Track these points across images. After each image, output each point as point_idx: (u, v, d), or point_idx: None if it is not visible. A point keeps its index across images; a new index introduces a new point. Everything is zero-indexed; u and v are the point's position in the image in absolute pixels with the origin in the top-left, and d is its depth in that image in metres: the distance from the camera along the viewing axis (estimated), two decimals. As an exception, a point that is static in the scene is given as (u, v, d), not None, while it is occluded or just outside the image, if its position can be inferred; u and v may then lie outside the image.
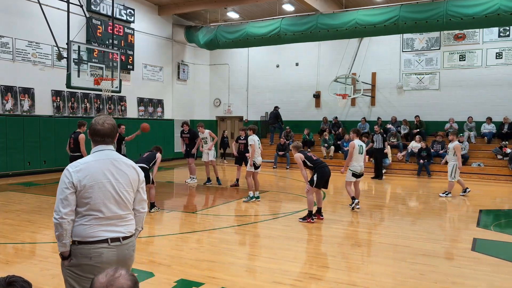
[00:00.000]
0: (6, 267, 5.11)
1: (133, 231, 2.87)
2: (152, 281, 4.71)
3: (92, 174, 2.69)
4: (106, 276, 1.63)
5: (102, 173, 2.72)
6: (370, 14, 14.76)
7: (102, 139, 2.82)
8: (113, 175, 2.75)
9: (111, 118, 2.90)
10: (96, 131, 2.80)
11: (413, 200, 10.75)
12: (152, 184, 8.51)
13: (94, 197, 2.67)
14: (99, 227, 2.69)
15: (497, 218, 8.73)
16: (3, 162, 12.97)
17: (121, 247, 2.74)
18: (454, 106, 16.78)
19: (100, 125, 2.81)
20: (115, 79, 12.43)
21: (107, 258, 2.68)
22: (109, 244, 2.69)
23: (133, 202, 2.88)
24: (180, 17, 19.57)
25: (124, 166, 2.83)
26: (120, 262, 2.71)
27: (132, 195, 2.86)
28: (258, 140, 9.79)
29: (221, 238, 6.65)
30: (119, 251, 2.73)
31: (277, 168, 16.88)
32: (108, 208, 2.71)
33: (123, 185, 2.78)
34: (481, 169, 14.55)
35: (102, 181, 2.71)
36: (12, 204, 9.01)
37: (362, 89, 17.20)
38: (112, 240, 2.70)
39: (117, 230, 2.75)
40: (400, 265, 5.35)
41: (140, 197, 2.91)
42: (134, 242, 2.90)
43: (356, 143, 8.70)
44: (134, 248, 2.90)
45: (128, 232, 2.81)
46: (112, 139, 2.87)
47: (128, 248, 2.81)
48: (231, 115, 21.47)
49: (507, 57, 16.00)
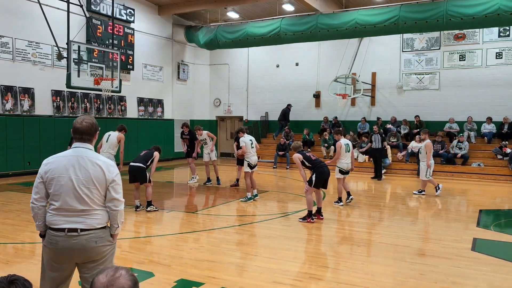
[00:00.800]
0: (6, 267, 5.11)
1: (97, 225, 3.00)
2: (152, 281, 4.71)
3: (56, 168, 2.97)
4: (106, 276, 1.63)
5: (64, 168, 2.96)
6: (370, 14, 14.76)
7: (80, 136, 3.05)
8: (75, 171, 2.96)
9: (91, 118, 3.13)
10: (75, 129, 3.04)
11: (413, 200, 10.74)
12: (149, 183, 8.51)
13: (54, 189, 2.96)
14: (58, 217, 2.96)
15: (497, 218, 8.74)
16: (3, 162, 12.97)
17: (78, 237, 2.93)
18: (454, 106, 16.78)
19: (79, 123, 3.04)
20: (115, 79, 12.43)
21: (63, 245, 2.93)
22: (66, 234, 2.92)
23: (104, 199, 3.04)
24: (180, 17, 19.57)
25: (89, 164, 2.99)
26: (76, 251, 2.94)
27: (97, 192, 2.99)
28: (250, 141, 9.78)
29: (221, 238, 6.65)
30: (76, 242, 2.93)
31: (277, 168, 16.88)
32: (65, 201, 2.94)
33: (82, 181, 2.95)
34: (481, 169, 14.55)
35: (62, 175, 2.95)
36: (12, 204, 9.01)
37: (362, 89, 17.20)
38: (69, 230, 2.93)
39: (76, 221, 2.95)
40: (400, 265, 5.35)
41: (110, 195, 3.03)
42: (100, 235, 3.01)
43: (343, 142, 9.15)
44: (100, 242, 3.01)
45: (88, 226, 2.97)
46: (90, 137, 3.08)
47: (88, 240, 2.96)
48: (231, 115, 21.47)
49: (507, 57, 16.00)
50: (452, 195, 11.34)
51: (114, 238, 3.16)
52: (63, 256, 2.99)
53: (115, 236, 3.16)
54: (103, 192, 3.03)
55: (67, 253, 2.97)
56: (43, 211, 3.04)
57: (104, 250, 3.04)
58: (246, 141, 9.71)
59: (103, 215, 3.05)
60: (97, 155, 3.09)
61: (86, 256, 2.99)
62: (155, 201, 8.80)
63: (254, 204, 9.47)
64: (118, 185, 3.06)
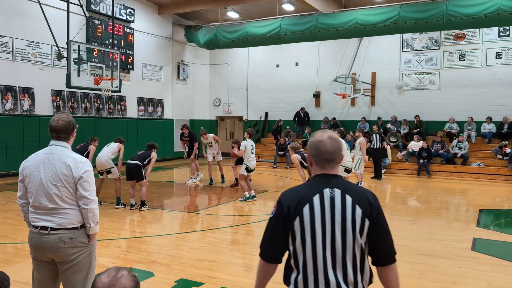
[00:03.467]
0: (6, 267, 5.11)
1: (67, 225, 2.94)
2: (152, 281, 4.71)
3: (29, 166, 3.00)
4: (108, 277, 1.63)
5: (36, 166, 2.98)
6: (370, 14, 14.76)
7: (57, 135, 3.02)
8: (44, 169, 2.95)
9: (68, 116, 3.08)
10: (51, 127, 3.02)
11: (413, 200, 10.75)
12: (143, 181, 8.53)
13: (28, 186, 3.00)
14: (34, 214, 2.99)
15: (497, 217, 8.74)
16: (3, 162, 12.97)
17: (48, 236, 2.91)
18: (454, 106, 16.78)
19: (55, 122, 3.01)
20: (115, 79, 12.43)
21: (35, 243, 2.96)
22: (38, 231, 2.95)
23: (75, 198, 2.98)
24: (180, 16, 19.56)
25: (57, 161, 2.95)
26: (47, 250, 2.93)
27: (66, 190, 2.94)
28: (252, 146, 9.71)
29: (221, 238, 6.65)
30: (45, 240, 2.92)
31: (277, 168, 16.89)
32: (37, 199, 2.95)
33: (50, 178, 2.93)
34: (481, 169, 14.55)
35: (34, 173, 2.97)
36: (12, 204, 9.01)
37: (362, 89, 17.20)
38: (41, 228, 2.94)
39: (47, 219, 2.94)
40: (400, 265, 5.32)
41: (79, 193, 2.96)
42: (69, 236, 2.94)
43: (343, 141, 9.35)
44: (69, 243, 2.94)
45: (58, 225, 2.93)
46: (67, 135, 3.04)
47: (57, 239, 2.91)
48: (231, 114, 21.46)
49: (507, 57, 16.00)
50: (452, 195, 11.35)
51: (91, 240, 3.05)
52: (38, 254, 2.99)
53: (92, 237, 3.04)
54: (72, 190, 2.95)
55: (40, 250, 2.96)
56: (27, 209, 3.06)
57: (74, 252, 2.95)
58: (247, 146, 9.57)
59: (75, 215, 2.96)
60: (70, 152, 3.02)
61: (56, 256, 2.94)
62: (155, 201, 8.81)
63: (254, 204, 9.47)
64: (86, 183, 2.95)
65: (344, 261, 1.98)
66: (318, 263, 1.99)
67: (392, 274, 2.09)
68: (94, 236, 3.08)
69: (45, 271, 3.02)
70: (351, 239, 1.98)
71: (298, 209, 2.02)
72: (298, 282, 2.04)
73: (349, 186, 2.08)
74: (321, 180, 2.08)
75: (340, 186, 2.05)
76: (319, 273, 1.98)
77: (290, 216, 2.02)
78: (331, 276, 1.97)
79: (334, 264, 1.98)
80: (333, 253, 1.98)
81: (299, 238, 2.01)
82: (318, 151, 2.09)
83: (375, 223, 2.03)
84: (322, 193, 2.03)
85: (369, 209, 2.02)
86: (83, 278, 3.02)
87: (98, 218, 3.06)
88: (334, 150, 2.09)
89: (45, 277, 3.02)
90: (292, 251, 2.06)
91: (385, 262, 2.08)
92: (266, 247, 2.15)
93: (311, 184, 2.10)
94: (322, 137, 2.11)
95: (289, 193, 2.10)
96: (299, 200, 2.03)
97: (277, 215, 2.08)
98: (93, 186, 3.04)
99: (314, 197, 2.02)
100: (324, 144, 2.08)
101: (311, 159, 2.15)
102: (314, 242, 1.99)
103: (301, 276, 2.02)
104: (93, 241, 3.09)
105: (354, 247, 1.99)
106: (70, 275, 2.99)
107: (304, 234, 2.00)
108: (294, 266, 2.06)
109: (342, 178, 2.11)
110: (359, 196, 2.03)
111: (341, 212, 1.99)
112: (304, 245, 2.01)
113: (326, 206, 2.01)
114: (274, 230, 2.09)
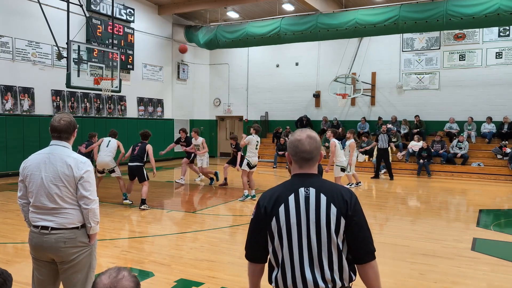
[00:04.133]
0: (6, 267, 5.09)
1: (67, 225, 2.96)
2: (152, 281, 4.71)
3: (30, 166, 3.00)
4: (109, 278, 1.63)
5: (37, 166, 2.98)
6: (370, 14, 14.75)
7: (58, 135, 3.02)
8: (45, 169, 2.96)
9: (69, 116, 3.10)
10: (52, 127, 3.03)
11: (413, 200, 10.75)
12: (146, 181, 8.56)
13: (29, 186, 3.00)
14: (35, 214, 2.99)
15: (496, 217, 8.74)
16: (3, 162, 12.96)
17: (49, 236, 2.93)
18: (454, 106, 16.77)
19: (56, 122, 3.02)
20: (115, 79, 12.42)
21: (36, 243, 2.97)
22: (39, 231, 2.95)
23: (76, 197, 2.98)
24: (180, 16, 19.56)
25: (58, 161, 2.95)
26: (47, 250, 2.94)
27: (66, 190, 2.95)
28: (257, 142, 9.71)
29: (221, 238, 6.65)
30: (46, 240, 2.93)
31: (277, 168, 16.88)
32: (38, 199, 2.96)
33: (51, 178, 2.94)
34: (481, 169, 14.55)
35: (34, 173, 2.97)
36: (12, 204, 9.01)
37: (362, 89, 17.20)
38: (42, 228, 2.95)
39: (48, 219, 2.95)
40: (400, 265, 5.36)
41: (80, 193, 2.97)
42: (70, 236, 2.95)
43: (337, 141, 9.67)
44: (70, 243, 2.95)
45: (59, 225, 2.94)
46: (68, 135, 3.05)
47: (58, 239, 2.93)
48: (231, 114, 21.46)
49: (507, 57, 16.00)
50: (452, 195, 11.35)
51: (92, 240, 3.06)
52: (38, 254, 3.00)
53: (93, 237, 3.06)
54: (73, 190, 2.96)
55: (40, 250, 2.97)
56: (27, 209, 3.07)
57: (74, 252, 2.97)
58: (252, 140, 9.60)
59: (76, 214, 2.98)
60: (70, 152, 3.02)
61: (56, 256, 2.95)
62: (155, 201, 8.81)
63: (254, 203, 9.45)
64: (87, 182, 2.96)
65: (320, 259, 2.00)
66: (295, 261, 2.01)
67: (371, 271, 2.08)
68: (95, 236, 3.09)
69: (45, 271, 3.03)
70: (326, 238, 2.00)
71: (274, 209, 2.05)
72: (277, 280, 2.07)
73: (324, 185, 2.08)
74: (297, 179, 2.11)
75: (315, 185, 2.06)
76: (296, 271, 2.01)
77: (267, 217, 2.06)
78: (307, 274, 2.00)
79: (312, 262, 2.00)
80: (309, 252, 2.01)
81: (277, 238, 2.05)
82: (296, 150, 2.11)
83: (352, 221, 2.03)
84: (298, 192, 2.05)
85: (345, 207, 2.02)
86: (83, 278, 3.04)
87: (99, 218, 3.07)
88: (312, 149, 2.10)
89: (45, 277, 3.03)
90: (272, 250, 2.09)
91: (363, 260, 2.08)
92: (249, 248, 2.19)
93: (287, 184, 2.12)
94: (300, 136, 2.12)
95: (267, 194, 2.14)
96: (275, 200, 2.07)
97: (256, 216, 2.13)
98: (94, 186, 3.05)
99: (289, 197, 2.05)
100: (302, 143, 2.10)
101: (290, 158, 2.16)
102: (290, 241, 2.02)
103: (280, 274, 2.05)
104: (94, 241, 3.10)
105: (329, 245, 2.00)
106: (71, 275, 3.00)
107: (281, 233, 2.03)
108: (274, 264, 2.10)
109: (319, 177, 2.12)
110: (334, 194, 2.04)
111: (315, 211, 2.01)
112: (281, 244, 2.04)
113: (301, 205, 2.03)
114: (254, 231, 2.14)
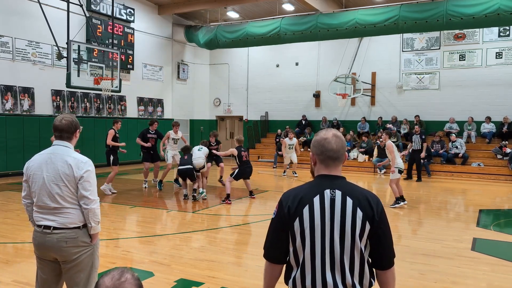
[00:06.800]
0: (6, 267, 5.11)
1: (69, 225, 2.98)
2: (152, 281, 4.71)
3: (32, 166, 3.04)
4: (111, 280, 1.62)
5: (39, 166, 3.01)
6: (370, 13, 14.76)
7: (60, 134, 3.06)
8: (47, 168, 2.99)
9: (71, 116, 3.13)
10: (54, 127, 3.07)
11: (413, 200, 10.74)
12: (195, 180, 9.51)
13: (32, 186, 3.03)
14: (38, 214, 3.02)
15: (496, 217, 8.74)
16: (3, 162, 12.96)
17: (51, 235, 2.96)
18: (454, 106, 16.77)
19: (58, 121, 3.06)
20: (115, 79, 12.43)
21: (39, 242, 3.00)
22: (42, 230, 2.99)
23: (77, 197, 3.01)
24: (180, 16, 19.56)
25: (59, 161, 2.98)
26: (49, 249, 2.97)
27: (67, 189, 2.97)
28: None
29: (221, 238, 6.65)
30: (48, 239, 2.96)
31: (277, 168, 16.88)
32: (40, 198, 2.99)
33: (52, 178, 2.97)
34: (481, 169, 14.55)
35: (37, 173, 3.01)
36: (12, 204, 9.01)
37: (362, 89, 17.20)
38: (44, 227, 2.99)
39: (50, 219, 2.98)
40: (400, 265, 5.34)
41: (80, 193, 2.99)
42: (72, 235, 2.97)
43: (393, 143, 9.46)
44: (71, 242, 2.97)
45: (60, 224, 2.97)
46: (69, 135, 3.09)
47: (59, 239, 2.95)
48: (231, 114, 21.47)
49: (507, 57, 16.00)
50: (452, 195, 11.35)
51: (93, 239, 3.08)
52: (41, 253, 3.02)
53: (94, 236, 3.08)
54: (73, 190, 2.98)
55: (43, 249, 2.99)
56: (31, 208, 3.10)
57: (76, 252, 2.99)
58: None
59: (77, 214, 3.00)
60: (71, 152, 3.04)
61: (58, 255, 2.98)
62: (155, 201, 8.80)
63: (254, 203, 9.46)
64: (87, 182, 2.98)
65: (342, 263, 1.97)
66: (317, 264, 1.98)
67: (391, 277, 2.09)
68: (96, 236, 3.10)
69: (49, 270, 3.05)
70: (350, 242, 1.96)
71: (298, 210, 2.00)
72: (296, 280, 2.03)
73: (351, 188, 2.05)
74: (323, 180, 2.06)
75: (342, 188, 2.02)
76: (317, 274, 1.98)
77: (290, 217, 2.01)
78: (328, 277, 1.97)
79: (333, 265, 1.97)
80: (331, 255, 1.97)
81: (299, 239, 2.00)
82: (322, 149, 2.07)
83: (378, 228, 2.01)
84: (323, 194, 2.01)
85: (371, 213, 2.00)
86: (86, 277, 3.06)
87: (100, 218, 3.07)
88: (339, 148, 2.07)
89: (49, 276, 3.06)
90: (293, 251, 2.05)
91: (385, 266, 2.07)
92: (269, 248, 2.13)
93: (313, 185, 2.07)
94: (326, 135, 2.09)
95: (290, 193, 2.08)
96: (300, 201, 2.01)
97: (278, 216, 2.06)
98: (94, 186, 3.06)
99: (314, 198, 2.00)
100: (329, 141, 2.06)
101: (315, 158, 2.11)
102: (313, 243, 1.98)
103: (299, 275, 2.02)
104: (95, 241, 3.11)
105: (353, 250, 1.97)
106: (73, 274, 3.02)
107: (304, 235, 1.99)
108: (294, 264, 2.06)
109: (345, 180, 2.08)
110: (360, 198, 2.00)
111: (340, 214, 1.97)
112: (303, 246, 2.00)
113: (326, 207, 1.98)
114: (276, 231, 2.08)
